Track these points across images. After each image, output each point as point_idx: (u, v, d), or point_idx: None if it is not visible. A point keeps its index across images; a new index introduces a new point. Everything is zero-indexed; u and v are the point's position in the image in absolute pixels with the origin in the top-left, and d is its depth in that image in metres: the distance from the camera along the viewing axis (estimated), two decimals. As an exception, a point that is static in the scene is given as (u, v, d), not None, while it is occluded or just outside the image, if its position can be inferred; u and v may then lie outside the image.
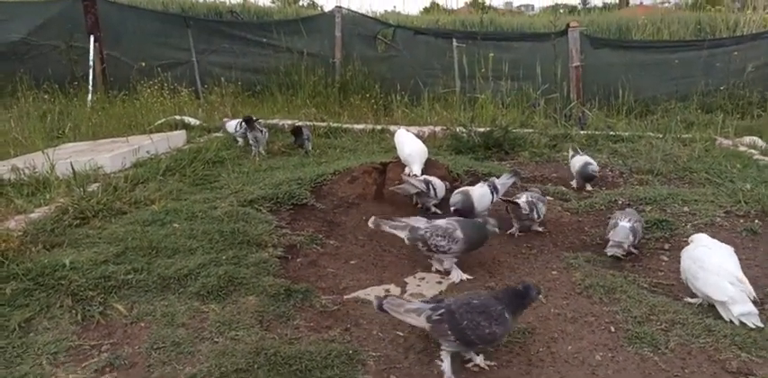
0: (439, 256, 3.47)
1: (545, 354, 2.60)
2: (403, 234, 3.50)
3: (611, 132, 6.76)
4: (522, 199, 4.01)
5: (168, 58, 10.13)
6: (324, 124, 7.53)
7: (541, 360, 2.56)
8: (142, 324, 2.76)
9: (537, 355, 2.60)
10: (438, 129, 7.14)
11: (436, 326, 2.44)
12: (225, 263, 3.32)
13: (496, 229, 3.52)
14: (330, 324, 2.88)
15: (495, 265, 3.59)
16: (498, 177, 4.38)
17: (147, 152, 5.64)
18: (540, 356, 2.58)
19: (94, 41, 9.36)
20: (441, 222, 3.46)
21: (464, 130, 6.53)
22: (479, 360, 2.52)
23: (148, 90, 8.63)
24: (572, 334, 2.73)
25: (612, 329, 2.74)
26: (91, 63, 9.28)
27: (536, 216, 3.99)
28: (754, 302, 2.77)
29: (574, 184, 5.05)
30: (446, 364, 2.45)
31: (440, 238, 3.35)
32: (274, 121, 7.67)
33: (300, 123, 6.91)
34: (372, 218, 3.63)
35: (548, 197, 4.76)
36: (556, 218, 4.31)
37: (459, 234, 3.35)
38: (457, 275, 3.43)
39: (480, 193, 4.01)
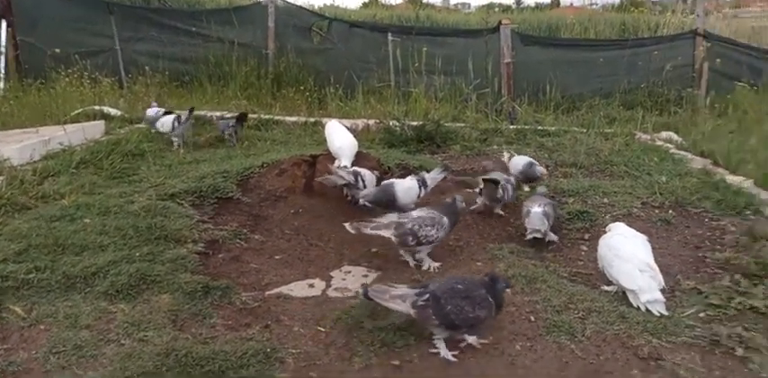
0: (420, 248, 3.43)
1: (466, 345, 2.59)
2: (389, 233, 3.39)
3: (539, 127, 6.92)
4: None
5: (89, 46, 9.59)
6: (255, 116, 7.32)
7: (462, 352, 2.55)
8: (41, 327, 2.56)
9: (458, 346, 2.59)
10: (371, 122, 7.09)
11: (421, 311, 2.48)
12: (138, 260, 3.14)
13: (463, 204, 3.61)
14: (249, 321, 2.77)
15: (423, 258, 3.57)
16: (429, 172, 4.37)
17: (60, 144, 5.28)
18: (461, 348, 2.57)
19: (7, 26, 8.75)
20: (420, 213, 3.44)
21: (397, 124, 6.52)
22: (472, 340, 2.56)
23: (66, 79, 8.12)
24: (493, 325, 2.74)
25: (532, 319, 2.77)
26: (2, 49, 8.66)
27: (506, 198, 4.12)
28: (663, 291, 2.87)
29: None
30: (442, 350, 2.51)
31: (429, 228, 3.35)
32: (202, 113, 7.40)
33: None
34: (349, 223, 3.48)
35: (476, 189, 4.85)
36: (483, 210, 4.35)
37: (445, 220, 3.38)
38: (429, 264, 3.43)
39: (407, 186, 3.98)
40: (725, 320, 2.77)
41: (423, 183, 4.05)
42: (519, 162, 4.73)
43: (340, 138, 4.87)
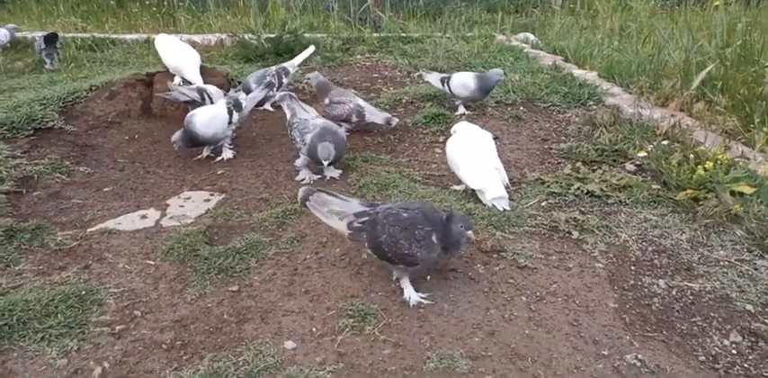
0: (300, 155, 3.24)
1: (312, 260, 2.46)
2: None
3: (403, 34, 6.68)
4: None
5: None
6: (87, 35, 6.42)
7: (308, 267, 2.42)
8: None
9: (304, 262, 2.45)
10: (225, 36, 6.49)
11: (355, 234, 2.19)
12: None
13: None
14: (65, 264, 2.43)
15: (273, 175, 3.34)
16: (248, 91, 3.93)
17: None
18: (307, 263, 2.44)
19: None
20: (318, 121, 3.17)
21: (253, 37, 6.01)
22: (414, 300, 2.20)
23: None
24: (341, 236, 2.61)
25: (382, 226, 2.68)
26: None
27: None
28: (507, 186, 2.88)
29: (461, 109, 4.09)
30: (406, 285, 2.23)
31: (297, 133, 3.13)
32: (22, 34, 6.38)
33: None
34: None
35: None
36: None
37: (308, 138, 3.09)
38: (304, 175, 3.21)
39: (210, 116, 3.41)
40: (564, 207, 2.85)
41: (235, 106, 3.51)
42: (467, 81, 3.91)
43: (174, 51, 4.32)
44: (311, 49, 4.61)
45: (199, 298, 2.23)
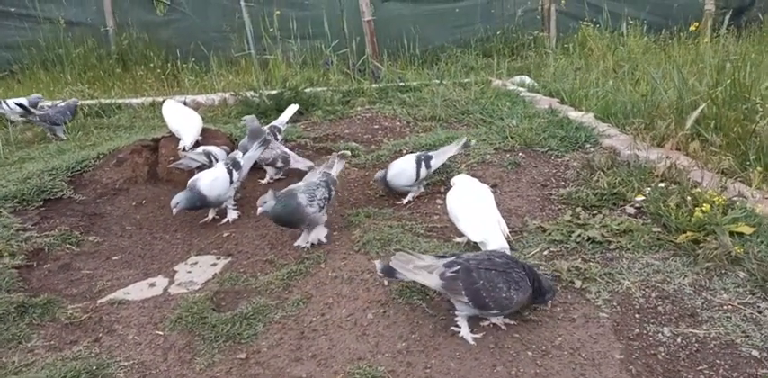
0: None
1: (318, 322, 2.48)
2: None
3: (402, 83, 6.86)
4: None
5: None
6: (94, 102, 6.66)
7: (314, 330, 2.43)
8: None
9: (310, 325, 2.47)
10: (227, 95, 6.72)
11: (449, 283, 2.22)
12: (-64, 288, 2.70)
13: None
14: (76, 337, 2.47)
15: (278, 235, 3.39)
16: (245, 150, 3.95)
17: None
18: (314, 326, 2.46)
19: None
20: (292, 185, 3.22)
21: (254, 94, 6.22)
22: (498, 320, 2.36)
23: None
24: (347, 295, 2.64)
25: (386, 283, 2.70)
26: None
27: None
28: (508, 238, 2.90)
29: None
30: (464, 330, 2.32)
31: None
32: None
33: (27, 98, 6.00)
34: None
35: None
36: (343, 175, 4.21)
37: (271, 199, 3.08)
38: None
39: (212, 178, 3.53)
40: (566, 254, 2.86)
41: (233, 166, 3.64)
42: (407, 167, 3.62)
43: (177, 117, 4.48)
44: (294, 107, 4.91)
45: (207, 367, 2.24)
